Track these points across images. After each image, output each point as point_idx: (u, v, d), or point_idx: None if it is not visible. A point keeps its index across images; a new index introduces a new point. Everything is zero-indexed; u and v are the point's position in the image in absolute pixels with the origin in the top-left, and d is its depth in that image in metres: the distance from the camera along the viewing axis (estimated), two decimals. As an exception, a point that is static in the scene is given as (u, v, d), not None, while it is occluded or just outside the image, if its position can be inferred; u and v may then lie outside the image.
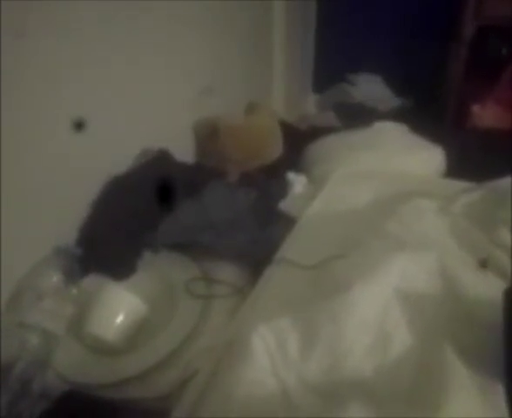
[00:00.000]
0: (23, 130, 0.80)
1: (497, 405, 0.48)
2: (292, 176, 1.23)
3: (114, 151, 1.03)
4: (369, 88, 2.15)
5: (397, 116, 1.72)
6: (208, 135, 1.24)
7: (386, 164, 1.20)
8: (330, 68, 2.25)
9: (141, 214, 0.95)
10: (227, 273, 0.87)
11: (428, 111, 1.86)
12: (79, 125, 0.91)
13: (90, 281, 0.85)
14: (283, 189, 1.17)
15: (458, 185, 1.09)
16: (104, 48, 0.97)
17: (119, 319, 0.76)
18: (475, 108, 1.81)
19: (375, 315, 0.61)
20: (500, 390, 0.49)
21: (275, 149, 1.34)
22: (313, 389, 0.54)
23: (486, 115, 1.78)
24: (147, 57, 1.12)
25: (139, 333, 0.77)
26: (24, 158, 0.81)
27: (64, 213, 0.92)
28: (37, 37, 0.80)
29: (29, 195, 0.83)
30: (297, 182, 1.22)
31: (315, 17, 2.28)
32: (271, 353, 0.58)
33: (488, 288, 0.63)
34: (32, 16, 0.77)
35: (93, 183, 1.00)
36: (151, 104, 1.15)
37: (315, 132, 1.53)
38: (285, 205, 1.10)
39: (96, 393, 0.69)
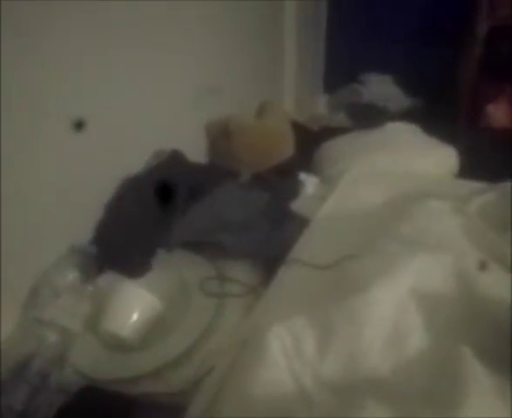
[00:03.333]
0: (24, 129, 0.81)
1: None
2: (304, 176, 1.23)
3: (123, 151, 1.04)
4: (380, 88, 2.15)
5: (408, 116, 1.72)
6: (220, 136, 1.25)
7: (398, 164, 1.20)
8: (341, 68, 2.24)
9: (155, 214, 0.97)
10: (241, 272, 0.88)
11: (440, 110, 1.84)
12: (79, 125, 0.92)
13: (106, 279, 0.86)
14: (295, 189, 1.17)
15: (472, 185, 1.08)
16: (106, 48, 0.98)
17: (135, 316, 0.77)
18: (489, 107, 1.79)
19: (392, 315, 0.61)
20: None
21: (287, 150, 1.34)
22: (330, 388, 0.55)
23: (499, 114, 1.76)
24: (153, 57, 1.13)
25: (154, 330, 0.78)
26: (23, 157, 0.82)
27: (79, 212, 0.93)
28: (37, 36, 0.80)
29: (40, 195, 0.85)
30: (309, 183, 1.22)
31: (326, 17, 2.28)
32: (287, 353, 0.58)
33: (504, 288, 0.62)
34: (32, 16, 0.78)
35: (106, 183, 1.02)
36: (157, 104, 1.16)
37: (327, 133, 1.53)
38: (297, 205, 1.11)
39: (112, 388, 0.70)
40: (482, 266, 0.70)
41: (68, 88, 0.89)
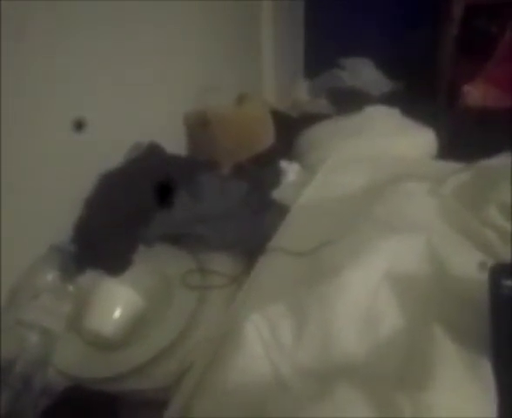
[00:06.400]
0: (23, 129, 0.80)
1: (484, 379, 0.49)
2: (284, 164, 1.24)
3: (112, 150, 1.04)
4: (361, 72, 2.14)
5: (389, 99, 1.72)
6: (199, 126, 1.24)
7: (377, 148, 1.21)
8: (321, 53, 2.23)
9: (135, 208, 0.96)
10: (222, 263, 0.88)
11: (420, 92, 1.85)
12: (79, 125, 0.91)
13: (87, 278, 0.86)
14: (276, 177, 1.17)
15: (449, 166, 1.10)
16: (106, 48, 0.97)
17: (117, 313, 0.77)
18: (466, 87, 1.80)
19: (365, 298, 0.62)
20: (487, 365, 0.50)
21: (267, 138, 1.34)
22: (306, 372, 0.56)
23: (477, 94, 1.77)
24: (153, 57, 1.14)
25: (137, 326, 0.78)
26: (23, 157, 0.82)
27: (59, 211, 0.92)
28: (37, 37, 0.80)
29: (25, 194, 0.84)
30: (290, 170, 1.22)
31: (304, 3, 2.27)
32: (264, 340, 0.59)
33: (476, 268, 0.63)
34: (32, 16, 0.77)
35: (88, 180, 1.01)
36: (149, 103, 1.15)
37: (307, 120, 1.53)
38: (278, 193, 1.11)
39: (96, 387, 0.70)
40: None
41: (68, 88, 0.88)
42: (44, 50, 0.82)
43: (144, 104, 1.13)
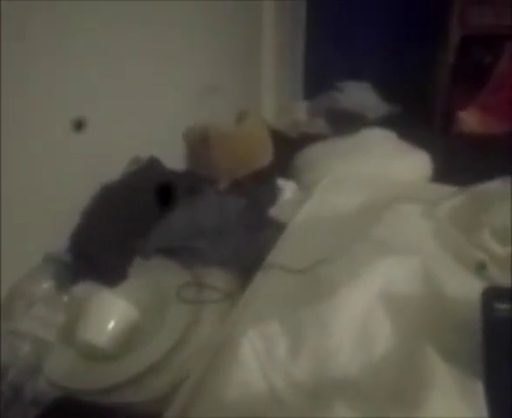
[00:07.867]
0: (23, 129, 0.81)
1: (477, 402, 0.49)
2: (282, 182, 1.25)
3: (112, 150, 1.05)
4: (358, 95, 2.18)
5: (385, 122, 1.75)
6: (198, 143, 1.26)
7: (373, 170, 1.23)
8: (320, 75, 2.28)
9: (132, 221, 0.96)
10: (218, 278, 0.88)
11: (416, 116, 1.89)
12: (79, 125, 0.92)
13: (82, 288, 0.86)
14: (273, 195, 1.18)
15: (444, 189, 1.11)
16: (106, 48, 0.99)
17: (111, 325, 0.77)
18: (461, 114, 1.84)
19: (360, 317, 0.63)
20: (479, 388, 0.50)
21: (265, 156, 1.36)
22: (301, 390, 0.56)
23: (471, 121, 1.82)
24: (153, 56, 1.16)
25: (131, 338, 0.78)
26: (23, 157, 0.82)
27: (57, 215, 0.93)
28: (37, 37, 0.81)
29: (21, 202, 0.84)
30: (287, 188, 1.23)
31: (305, 25, 2.32)
32: (259, 357, 0.59)
33: (469, 290, 0.64)
34: (32, 16, 0.79)
35: (85, 190, 1.01)
36: (149, 104, 1.17)
37: (305, 140, 1.55)
38: (275, 211, 1.12)
39: (88, 398, 0.69)
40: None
41: (68, 88, 0.89)
42: (44, 50, 0.83)
43: (144, 105, 1.14)
